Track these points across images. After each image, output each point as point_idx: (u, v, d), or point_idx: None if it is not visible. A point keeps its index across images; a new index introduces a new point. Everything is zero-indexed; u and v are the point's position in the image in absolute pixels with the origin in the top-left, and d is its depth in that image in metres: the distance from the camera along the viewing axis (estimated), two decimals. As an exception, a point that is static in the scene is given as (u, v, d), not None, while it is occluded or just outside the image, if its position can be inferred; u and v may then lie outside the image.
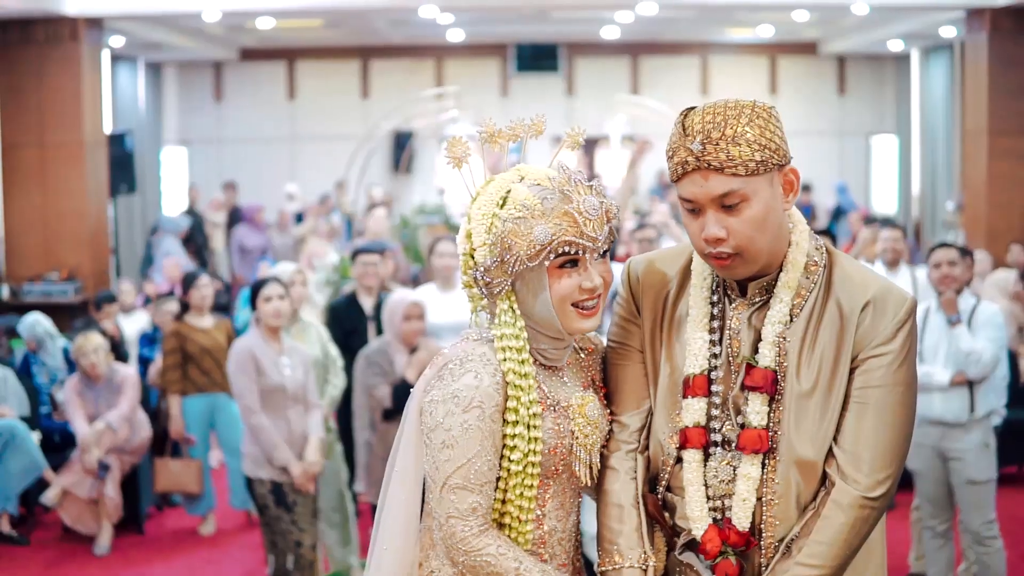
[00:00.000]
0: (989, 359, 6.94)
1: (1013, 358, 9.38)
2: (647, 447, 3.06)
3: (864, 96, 22.34)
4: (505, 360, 2.93)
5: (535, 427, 2.91)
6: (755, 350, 2.91)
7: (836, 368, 2.84)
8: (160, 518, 9.82)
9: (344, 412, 8.08)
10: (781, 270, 2.91)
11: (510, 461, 2.91)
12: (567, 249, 2.90)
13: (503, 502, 2.95)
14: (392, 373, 6.97)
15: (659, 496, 3.04)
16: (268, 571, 6.95)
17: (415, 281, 11.63)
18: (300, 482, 6.82)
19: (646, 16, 17.53)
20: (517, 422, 2.90)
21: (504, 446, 2.92)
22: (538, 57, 22.03)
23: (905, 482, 8.51)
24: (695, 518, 2.94)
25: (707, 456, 2.96)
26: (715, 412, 2.96)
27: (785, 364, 2.86)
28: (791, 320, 2.89)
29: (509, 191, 2.97)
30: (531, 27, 20.26)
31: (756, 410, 2.88)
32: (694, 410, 2.95)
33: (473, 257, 2.97)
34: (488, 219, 2.95)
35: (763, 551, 2.89)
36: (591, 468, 3.03)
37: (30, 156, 14.10)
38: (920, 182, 20.73)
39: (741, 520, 2.88)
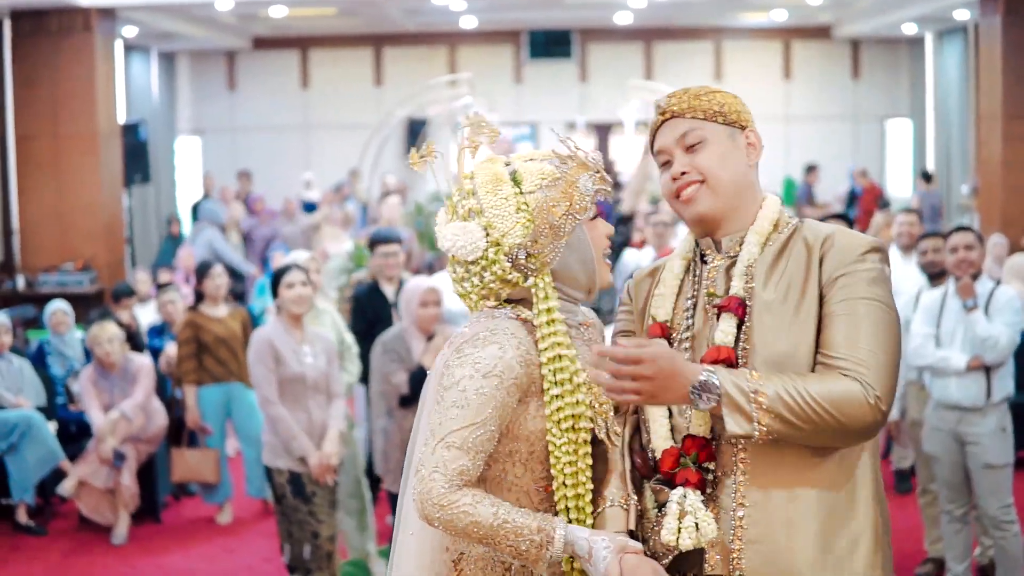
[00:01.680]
0: (1006, 344, 6.91)
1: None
2: (635, 411, 3.17)
3: (878, 80, 22.29)
4: (555, 333, 2.98)
5: (585, 395, 2.98)
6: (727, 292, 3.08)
7: (805, 289, 2.97)
8: (177, 507, 9.84)
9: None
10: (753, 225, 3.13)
11: (568, 433, 2.95)
12: (602, 197, 3.07)
13: (568, 483, 2.97)
14: (409, 360, 6.97)
15: (649, 454, 3.09)
16: (284, 560, 6.96)
17: (430, 268, 11.63)
18: (317, 473, 6.82)
19: (659, 1, 17.52)
20: (571, 391, 2.95)
21: (557, 421, 2.95)
22: (551, 43, 22.02)
23: (912, 467, 8.52)
24: (658, 444, 3.03)
25: None
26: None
27: (751, 285, 3.00)
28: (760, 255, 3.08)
29: (515, 172, 3.05)
30: (544, 13, 20.25)
31: (723, 328, 2.98)
32: None
33: (499, 246, 2.98)
34: (511, 201, 3.01)
35: (736, 473, 2.94)
36: (609, 432, 3.08)
37: (44, 147, 14.13)
38: (935, 166, 20.68)
39: (697, 427, 2.96)
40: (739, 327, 2.98)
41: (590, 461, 2.99)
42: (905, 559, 7.79)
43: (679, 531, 2.89)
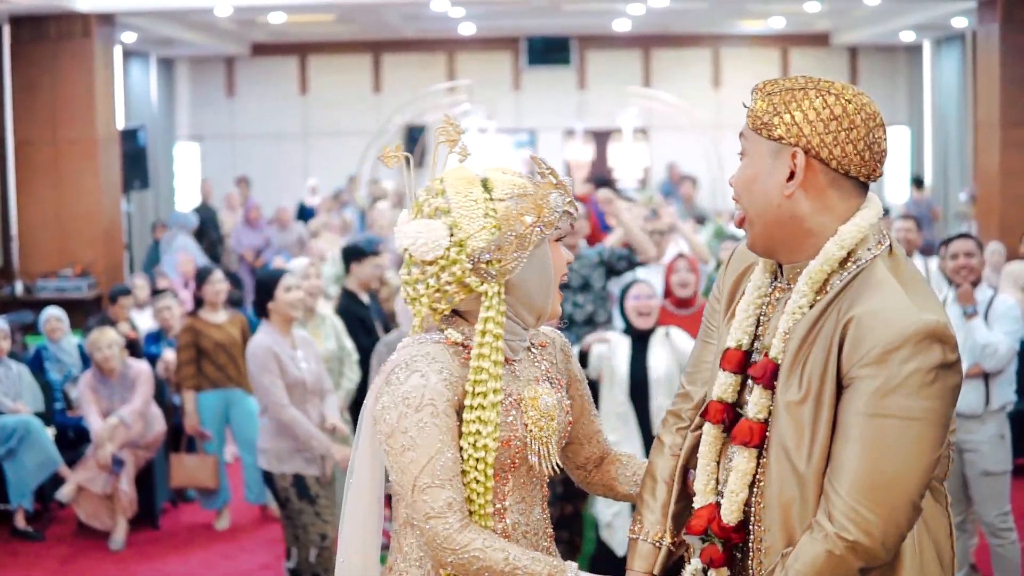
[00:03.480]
0: (1005, 352, 6.92)
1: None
2: (697, 427, 2.97)
3: (876, 87, 22.28)
4: (484, 344, 2.94)
5: (497, 415, 2.93)
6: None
7: (823, 388, 2.59)
8: (175, 513, 9.84)
9: (357, 405, 8.08)
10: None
11: (470, 448, 2.91)
12: (568, 219, 3.03)
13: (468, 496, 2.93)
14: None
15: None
16: (289, 565, 6.94)
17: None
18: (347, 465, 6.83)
19: (657, 8, 17.53)
20: (483, 407, 2.91)
21: (465, 433, 2.92)
22: (550, 50, 22.04)
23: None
24: (700, 491, 2.84)
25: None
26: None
27: (782, 361, 2.67)
28: (808, 310, 2.68)
29: (486, 180, 3.02)
30: (542, 20, 20.26)
31: (754, 401, 2.72)
32: (721, 384, 2.83)
33: (462, 247, 2.94)
34: (480, 204, 2.97)
35: (752, 553, 2.75)
36: (548, 459, 3.03)
37: (43, 152, 14.13)
38: (932, 173, 20.70)
39: (728, 513, 2.75)
40: (773, 395, 2.71)
41: (490, 484, 2.92)
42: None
43: None
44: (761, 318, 2.83)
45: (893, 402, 2.49)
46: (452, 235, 2.95)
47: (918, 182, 19.06)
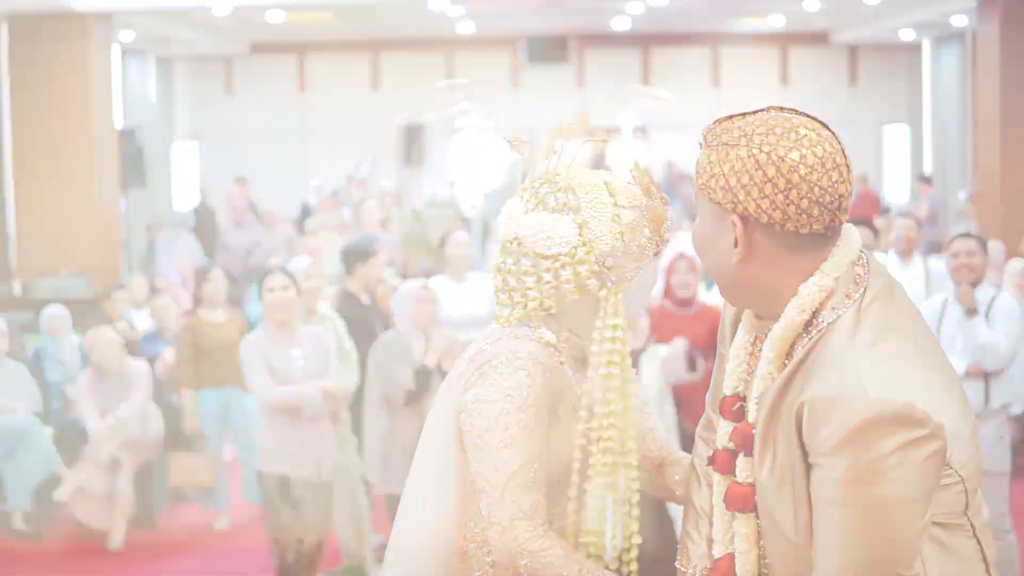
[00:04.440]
0: (1005, 351, 6.90)
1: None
2: None
3: (876, 86, 22.31)
4: (614, 351, 2.86)
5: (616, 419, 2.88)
6: None
7: (793, 462, 2.45)
8: (173, 513, 9.81)
9: (356, 406, 8.07)
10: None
11: (599, 454, 2.85)
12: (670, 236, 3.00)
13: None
14: (410, 360, 7.01)
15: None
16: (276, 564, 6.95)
17: (426, 275, 11.62)
18: (343, 390, 6.97)
19: (656, 6, 17.53)
20: (615, 413, 2.85)
21: (596, 439, 2.85)
22: (548, 49, 22.02)
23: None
24: (718, 541, 2.73)
25: None
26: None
27: (756, 432, 2.54)
28: (778, 375, 2.53)
29: (608, 184, 2.95)
30: (541, 19, 20.26)
31: (741, 467, 2.62)
32: (723, 433, 2.70)
33: (589, 247, 2.87)
34: (608, 208, 2.90)
35: None
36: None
37: (41, 152, 14.12)
38: (932, 172, 20.70)
39: (744, 573, 2.65)
40: None
41: (636, 486, 2.89)
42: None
43: None
44: (749, 365, 2.68)
45: (854, 491, 2.33)
46: (580, 234, 2.88)
47: (926, 179, 19.06)
